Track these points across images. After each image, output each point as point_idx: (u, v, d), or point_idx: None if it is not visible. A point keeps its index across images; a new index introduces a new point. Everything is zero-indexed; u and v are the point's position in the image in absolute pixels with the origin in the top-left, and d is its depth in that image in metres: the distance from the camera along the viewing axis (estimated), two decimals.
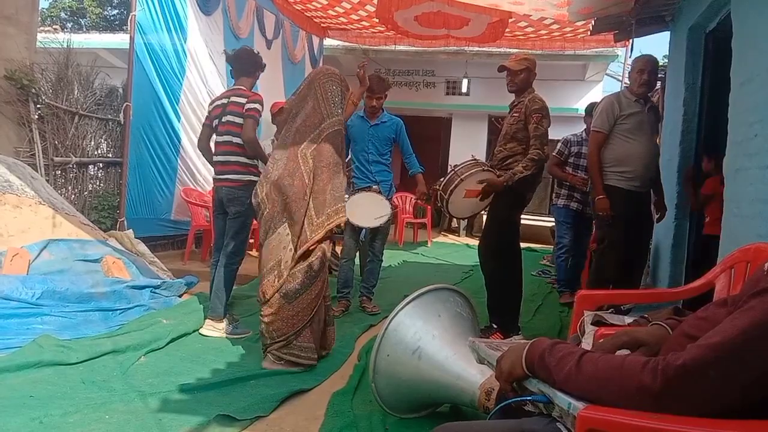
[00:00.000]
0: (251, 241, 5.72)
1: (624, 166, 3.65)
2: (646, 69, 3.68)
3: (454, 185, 3.60)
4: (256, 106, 3.71)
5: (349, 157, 4.53)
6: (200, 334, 3.68)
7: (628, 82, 3.86)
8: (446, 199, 3.64)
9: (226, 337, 3.66)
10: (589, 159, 3.80)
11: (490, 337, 3.58)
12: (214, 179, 3.91)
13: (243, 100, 3.73)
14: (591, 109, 5.21)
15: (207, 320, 3.75)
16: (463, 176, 3.58)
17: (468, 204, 3.74)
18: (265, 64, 4.01)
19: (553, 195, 5.64)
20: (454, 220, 10.39)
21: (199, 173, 6.31)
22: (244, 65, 3.87)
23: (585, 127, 5.22)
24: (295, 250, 3.11)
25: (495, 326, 3.78)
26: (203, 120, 4.06)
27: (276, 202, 3.15)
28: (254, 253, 5.82)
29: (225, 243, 3.80)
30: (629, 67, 4.11)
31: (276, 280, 3.09)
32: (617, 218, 3.62)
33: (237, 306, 4.31)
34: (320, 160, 3.21)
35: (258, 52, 4.03)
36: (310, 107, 3.26)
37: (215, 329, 3.69)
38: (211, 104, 3.97)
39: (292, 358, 3.09)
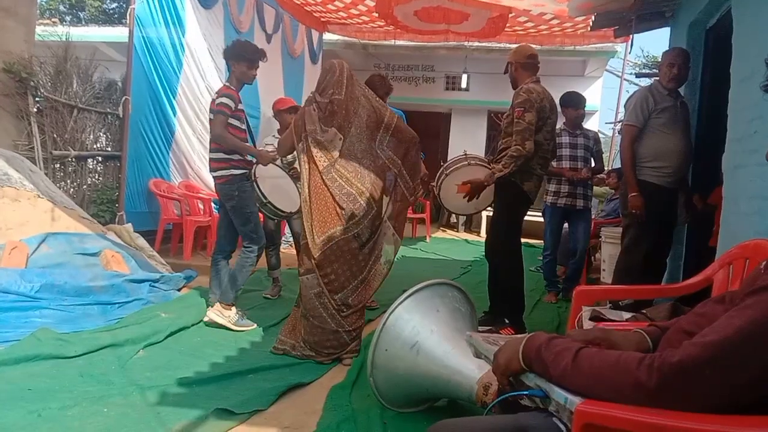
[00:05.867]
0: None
1: (661, 162, 3.53)
2: (676, 63, 3.58)
3: (441, 180, 3.77)
4: (224, 100, 3.62)
5: None
6: (205, 321, 3.68)
7: (658, 76, 3.72)
8: (438, 195, 3.80)
9: (227, 328, 3.64)
10: (623, 154, 3.66)
11: (501, 332, 3.57)
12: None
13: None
14: (567, 100, 5.14)
15: (217, 304, 3.70)
16: (448, 171, 3.69)
17: (465, 200, 3.76)
18: (252, 54, 3.75)
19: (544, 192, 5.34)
20: (453, 215, 10.39)
21: (197, 166, 6.29)
22: (228, 61, 3.81)
23: (564, 119, 5.09)
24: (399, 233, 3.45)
25: (507, 321, 3.74)
26: (199, 114, 4.02)
27: (377, 200, 3.28)
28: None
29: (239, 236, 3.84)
30: (629, 62, 4.10)
31: (386, 268, 3.38)
32: (649, 216, 3.50)
33: (239, 300, 4.29)
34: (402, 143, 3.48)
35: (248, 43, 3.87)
36: (368, 106, 3.37)
37: (222, 316, 3.65)
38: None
39: None
